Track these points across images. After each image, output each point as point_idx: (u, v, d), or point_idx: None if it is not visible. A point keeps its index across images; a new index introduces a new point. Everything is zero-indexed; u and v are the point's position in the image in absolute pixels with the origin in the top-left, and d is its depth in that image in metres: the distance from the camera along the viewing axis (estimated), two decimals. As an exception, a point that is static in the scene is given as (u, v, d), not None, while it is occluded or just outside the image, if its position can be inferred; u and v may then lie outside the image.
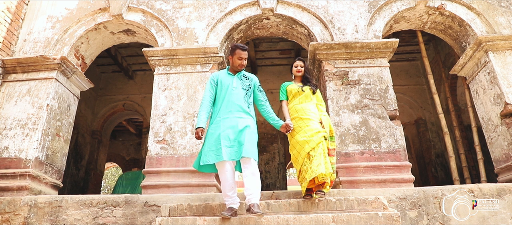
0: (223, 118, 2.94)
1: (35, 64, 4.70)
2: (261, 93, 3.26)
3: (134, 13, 5.06)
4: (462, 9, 4.79)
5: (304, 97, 3.41)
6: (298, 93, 3.44)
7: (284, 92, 3.59)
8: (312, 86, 3.50)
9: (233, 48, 3.15)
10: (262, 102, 3.24)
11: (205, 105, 3.04)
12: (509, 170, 4.03)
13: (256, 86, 3.26)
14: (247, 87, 3.15)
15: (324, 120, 3.29)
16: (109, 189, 19.29)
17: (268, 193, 3.48)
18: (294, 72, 3.61)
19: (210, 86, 3.15)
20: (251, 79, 3.24)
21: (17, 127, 4.39)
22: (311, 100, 3.43)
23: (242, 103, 3.02)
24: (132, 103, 8.54)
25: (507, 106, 4.10)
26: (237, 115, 2.95)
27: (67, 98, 4.95)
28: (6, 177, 4.06)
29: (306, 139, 3.08)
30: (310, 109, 3.33)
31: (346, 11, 4.87)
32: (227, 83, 3.12)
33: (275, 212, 2.93)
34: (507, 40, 4.42)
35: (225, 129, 2.87)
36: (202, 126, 2.89)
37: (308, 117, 3.24)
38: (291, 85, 3.56)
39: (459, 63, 4.88)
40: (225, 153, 2.77)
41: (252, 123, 2.99)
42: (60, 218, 3.59)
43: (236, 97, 3.03)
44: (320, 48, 4.50)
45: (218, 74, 3.23)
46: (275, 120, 3.17)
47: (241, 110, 2.99)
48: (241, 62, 3.13)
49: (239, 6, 4.94)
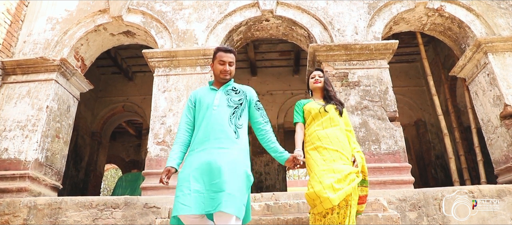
0: (198, 151, 2.15)
1: (34, 65, 4.70)
2: (259, 111, 2.38)
3: (134, 15, 5.07)
4: (462, 11, 4.80)
5: (329, 121, 2.58)
6: (320, 114, 2.61)
7: (300, 112, 2.76)
8: (337, 104, 2.69)
9: (214, 52, 2.42)
10: (261, 125, 2.35)
11: (180, 136, 2.32)
12: (508, 171, 4.03)
13: (253, 102, 2.39)
14: (235, 103, 2.31)
15: (357, 157, 2.49)
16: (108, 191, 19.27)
17: (268, 195, 3.48)
18: (312, 84, 2.82)
19: (187, 109, 2.40)
20: (243, 93, 2.38)
21: (17, 128, 4.39)
22: (338, 124, 2.58)
23: (225, 127, 2.18)
24: (132, 104, 8.54)
25: (506, 107, 4.10)
26: (217, 145, 2.12)
27: (67, 99, 4.95)
28: (5, 179, 4.05)
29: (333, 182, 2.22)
30: (338, 138, 2.49)
31: (345, 13, 4.88)
32: (208, 101, 2.32)
33: (275, 214, 2.92)
34: (507, 42, 4.43)
35: (197, 166, 2.07)
36: (171, 165, 2.19)
37: (336, 149, 2.42)
38: (310, 104, 2.72)
39: (458, 65, 4.89)
40: (190, 201, 1.95)
41: (239, 156, 2.13)
42: (60, 219, 3.59)
43: (217, 119, 2.21)
44: (320, 49, 4.51)
45: (197, 91, 2.49)
46: (278, 152, 2.29)
47: (224, 138, 2.15)
48: (224, 68, 2.34)
49: (239, 8, 4.94)
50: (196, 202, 1.96)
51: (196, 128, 2.31)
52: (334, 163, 2.35)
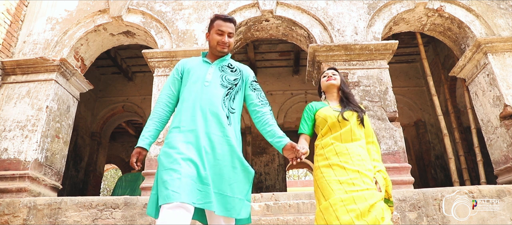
0: (183, 131, 1.79)
1: (34, 65, 4.70)
2: (255, 92, 2.04)
3: (134, 15, 5.07)
4: (461, 11, 4.80)
5: (349, 134, 2.06)
6: (338, 124, 2.09)
7: (310, 118, 2.22)
8: (357, 110, 2.16)
9: (211, 21, 2.07)
10: (257, 107, 1.99)
11: (158, 111, 1.96)
12: (508, 171, 4.03)
13: (249, 82, 2.06)
14: (230, 83, 1.96)
15: (379, 178, 1.98)
16: (108, 191, 19.27)
17: (267, 195, 3.48)
18: (324, 83, 2.32)
19: (172, 80, 2.03)
20: (239, 72, 2.05)
21: (17, 128, 4.38)
22: (360, 138, 2.08)
23: (218, 109, 1.84)
24: (132, 104, 8.54)
25: (506, 108, 4.11)
26: (208, 130, 1.79)
27: (67, 99, 4.95)
28: (5, 179, 4.05)
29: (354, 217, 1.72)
30: (361, 155, 1.99)
31: (345, 13, 4.89)
32: (198, 74, 1.96)
33: (275, 214, 2.92)
34: (506, 42, 4.43)
35: (186, 147, 1.72)
36: (142, 146, 1.84)
37: (357, 169, 1.91)
38: (326, 110, 2.18)
39: (458, 65, 4.89)
40: (183, 188, 1.56)
41: (235, 147, 1.81)
42: (59, 220, 3.59)
43: (209, 97, 1.86)
44: (320, 50, 4.51)
45: (187, 61, 2.09)
46: (275, 137, 1.90)
47: (216, 122, 1.82)
48: (222, 39, 1.99)
49: (238, 8, 4.95)
50: (189, 190, 1.57)
51: (180, 103, 1.93)
52: (353, 188, 1.83)
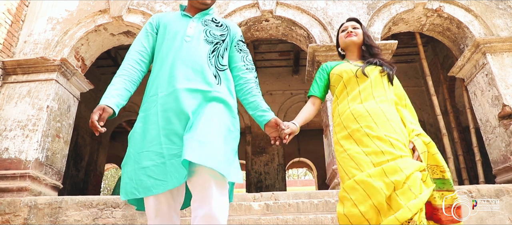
0: (162, 96, 1.49)
1: (35, 65, 4.72)
2: (241, 54, 1.74)
3: (134, 15, 5.08)
4: (460, 11, 4.82)
5: (370, 89, 1.67)
6: (355, 80, 1.71)
7: (323, 78, 1.88)
8: (384, 65, 1.78)
9: None
10: (240, 72, 1.71)
11: (126, 68, 1.60)
12: (507, 171, 4.06)
13: (235, 41, 1.76)
14: (216, 38, 1.66)
15: (417, 143, 1.52)
16: (108, 190, 19.29)
17: (267, 194, 3.50)
18: (343, 40, 1.96)
19: (144, 34, 1.70)
20: (226, 27, 1.76)
21: (17, 128, 4.40)
22: (386, 97, 1.66)
23: (203, 67, 1.54)
24: (132, 104, 8.55)
25: (504, 107, 4.13)
26: (190, 86, 1.48)
27: (67, 99, 4.96)
28: (6, 178, 4.07)
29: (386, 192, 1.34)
30: (387, 116, 1.57)
31: (345, 13, 4.90)
32: (177, 29, 1.65)
33: (274, 213, 2.94)
34: (505, 42, 4.45)
35: (168, 120, 1.43)
36: (107, 104, 1.51)
37: (383, 134, 1.50)
38: (342, 65, 1.85)
39: (457, 65, 4.91)
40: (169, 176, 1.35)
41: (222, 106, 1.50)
42: (60, 219, 3.60)
43: (191, 54, 1.56)
44: (319, 50, 4.53)
45: (163, 15, 1.77)
46: (258, 110, 1.65)
47: (200, 81, 1.51)
48: None
49: (238, 8, 4.96)
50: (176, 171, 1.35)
51: (157, 64, 1.60)
52: (383, 158, 1.42)
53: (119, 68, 1.62)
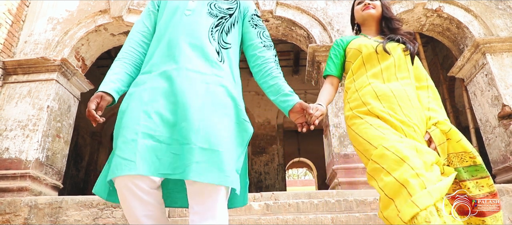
0: (153, 75, 1.31)
1: (35, 65, 4.73)
2: (256, 29, 1.53)
3: (134, 15, 5.09)
4: (460, 12, 4.83)
5: (393, 69, 1.52)
6: (376, 56, 1.55)
7: (339, 55, 1.70)
8: (406, 42, 1.60)
9: None
10: (257, 50, 1.51)
11: (127, 51, 1.44)
12: (506, 171, 4.06)
13: (248, 16, 1.54)
14: (221, 12, 1.45)
15: (434, 134, 1.39)
16: (108, 191, 19.27)
17: (267, 194, 3.51)
18: (359, 13, 1.75)
19: (146, 14, 1.54)
20: (236, 1, 1.54)
21: (18, 128, 4.41)
22: (409, 77, 1.53)
23: (203, 42, 1.35)
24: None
25: (504, 107, 4.13)
26: (187, 66, 1.28)
27: (68, 99, 4.97)
28: (6, 178, 4.08)
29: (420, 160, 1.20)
30: (411, 100, 1.44)
31: (345, 13, 4.91)
32: (178, 3, 1.47)
33: (274, 213, 2.95)
34: (504, 42, 4.46)
35: (151, 96, 1.24)
36: (105, 90, 1.31)
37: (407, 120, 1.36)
38: (359, 40, 1.67)
39: (457, 65, 4.92)
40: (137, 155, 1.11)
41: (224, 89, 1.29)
42: (60, 219, 3.61)
43: (190, 28, 1.37)
44: (319, 50, 4.53)
45: None
46: (280, 94, 1.46)
47: (200, 57, 1.32)
48: None
49: (238, 8, 4.97)
50: (149, 157, 1.12)
51: (154, 41, 1.43)
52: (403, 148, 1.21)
53: (120, 51, 1.45)
